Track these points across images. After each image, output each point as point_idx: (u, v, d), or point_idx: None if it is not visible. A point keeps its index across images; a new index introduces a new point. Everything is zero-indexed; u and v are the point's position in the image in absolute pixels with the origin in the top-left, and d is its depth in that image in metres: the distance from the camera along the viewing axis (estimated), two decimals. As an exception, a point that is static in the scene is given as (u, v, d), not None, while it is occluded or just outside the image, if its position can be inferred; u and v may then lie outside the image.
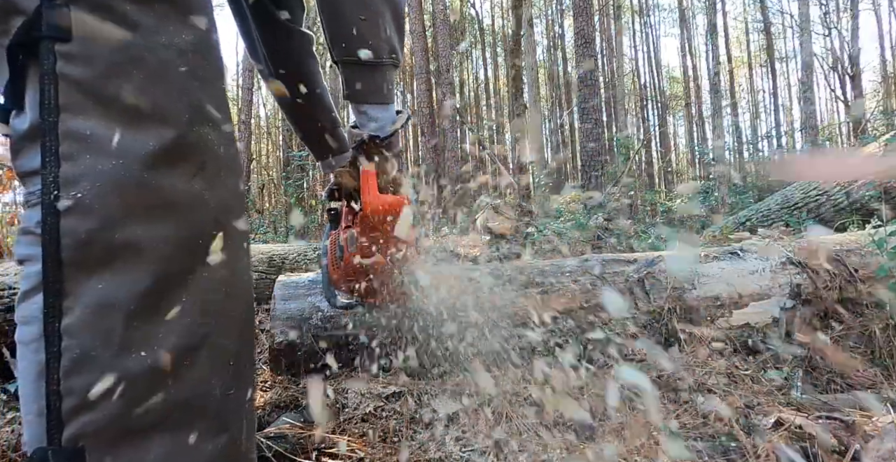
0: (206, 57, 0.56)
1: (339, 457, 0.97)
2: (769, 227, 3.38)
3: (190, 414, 0.50)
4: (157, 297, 0.49)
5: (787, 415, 0.98)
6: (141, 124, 0.50)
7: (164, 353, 0.48)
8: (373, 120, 0.94)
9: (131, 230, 0.48)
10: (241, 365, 0.56)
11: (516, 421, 1.06)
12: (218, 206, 0.54)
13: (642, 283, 1.40)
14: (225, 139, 0.56)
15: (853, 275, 1.51)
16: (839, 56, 15.32)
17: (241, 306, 0.57)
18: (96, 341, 0.46)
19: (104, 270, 0.47)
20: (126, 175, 0.48)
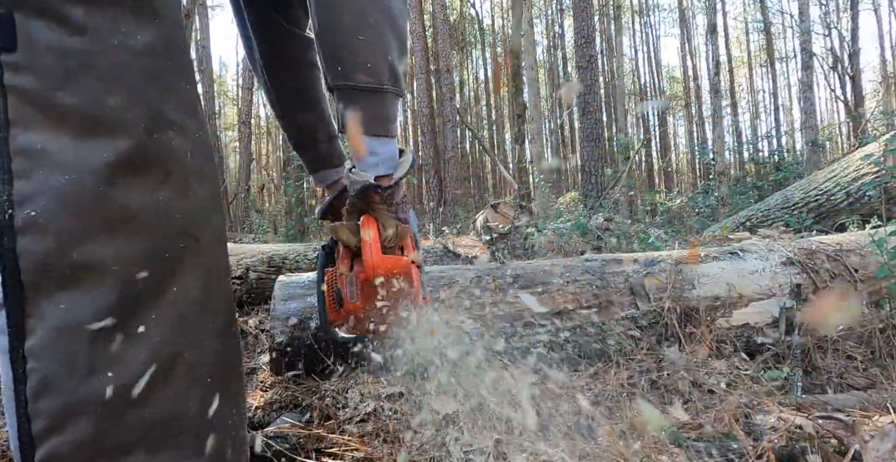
0: (167, 57, 0.52)
1: (339, 457, 0.97)
2: (769, 227, 3.38)
3: (166, 433, 0.48)
4: (123, 316, 0.46)
5: (787, 415, 0.98)
6: (95, 135, 0.47)
7: (134, 373, 0.46)
8: (372, 154, 0.81)
9: (92, 248, 0.46)
10: (222, 380, 0.53)
11: (517, 420, 1.06)
12: (186, 218, 0.51)
13: (642, 282, 1.40)
14: (193, 144, 0.53)
15: (853, 275, 1.51)
16: (839, 56, 15.32)
17: (219, 319, 0.54)
18: (61, 363, 0.44)
19: (66, 290, 0.45)
20: (82, 190, 0.45)
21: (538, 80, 12.87)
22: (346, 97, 0.77)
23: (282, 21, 0.98)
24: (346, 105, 0.77)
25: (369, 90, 0.76)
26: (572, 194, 10.05)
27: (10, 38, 0.45)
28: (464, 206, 12.00)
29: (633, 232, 3.56)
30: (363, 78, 0.75)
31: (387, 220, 0.84)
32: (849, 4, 13.99)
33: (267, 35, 1.00)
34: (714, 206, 6.90)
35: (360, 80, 0.75)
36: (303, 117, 1.05)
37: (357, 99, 0.76)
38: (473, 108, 24.36)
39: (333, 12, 0.73)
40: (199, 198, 0.53)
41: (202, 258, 0.52)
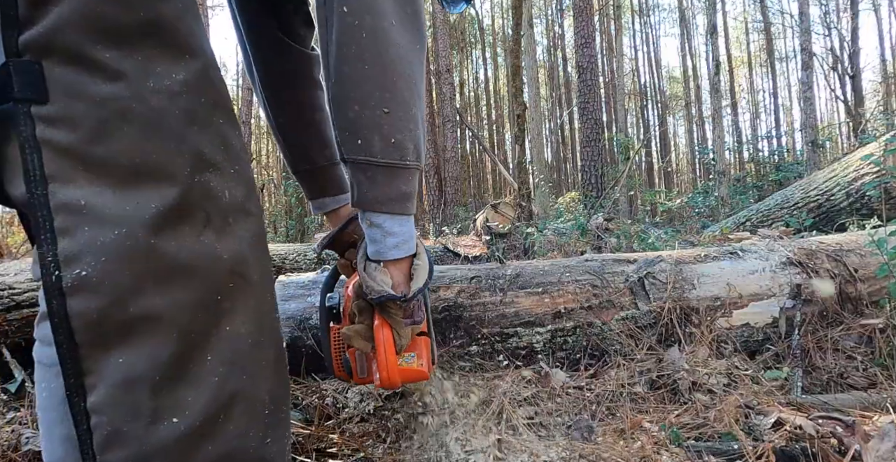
0: (203, 93, 0.50)
1: (339, 457, 0.96)
2: (769, 227, 3.38)
3: None
4: (180, 363, 0.46)
5: (787, 415, 0.98)
6: (139, 185, 0.45)
7: (197, 415, 0.46)
8: (390, 235, 0.74)
9: (145, 301, 0.45)
10: (277, 411, 0.54)
11: (516, 420, 1.06)
12: (232, 257, 0.50)
13: (642, 282, 1.40)
14: (230, 181, 0.51)
15: (853, 275, 1.51)
16: (839, 56, 15.32)
17: (271, 352, 0.54)
18: (126, 416, 0.44)
19: (122, 345, 0.44)
20: (132, 244, 0.44)
21: (538, 80, 12.87)
22: (365, 173, 0.70)
23: (283, 37, 0.92)
24: (365, 181, 0.71)
25: (391, 166, 0.70)
26: (572, 194, 10.04)
27: (40, 89, 0.43)
28: (464, 206, 11.99)
29: (633, 232, 3.56)
30: (387, 154, 0.69)
31: (402, 329, 0.79)
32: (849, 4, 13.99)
33: (266, 51, 0.93)
34: (714, 206, 6.90)
35: (384, 156, 0.69)
36: (302, 139, 0.98)
37: (378, 175, 0.70)
38: (473, 108, 24.36)
39: (360, 85, 0.67)
40: (239, 235, 0.52)
41: (251, 295, 0.52)
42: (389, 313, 0.78)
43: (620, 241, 3.30)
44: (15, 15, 0.42)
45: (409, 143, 0.71)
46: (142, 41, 0.46)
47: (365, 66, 0.66)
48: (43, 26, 0.43)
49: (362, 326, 0.80)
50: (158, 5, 0.47)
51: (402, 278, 0.78)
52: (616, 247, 3.19)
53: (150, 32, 0.46)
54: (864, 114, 12.43)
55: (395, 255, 0.76)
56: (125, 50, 0.45)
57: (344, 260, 0.98)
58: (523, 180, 4.54)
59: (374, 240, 0.75)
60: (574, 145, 22.32)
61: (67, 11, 0.43)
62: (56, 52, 0.43)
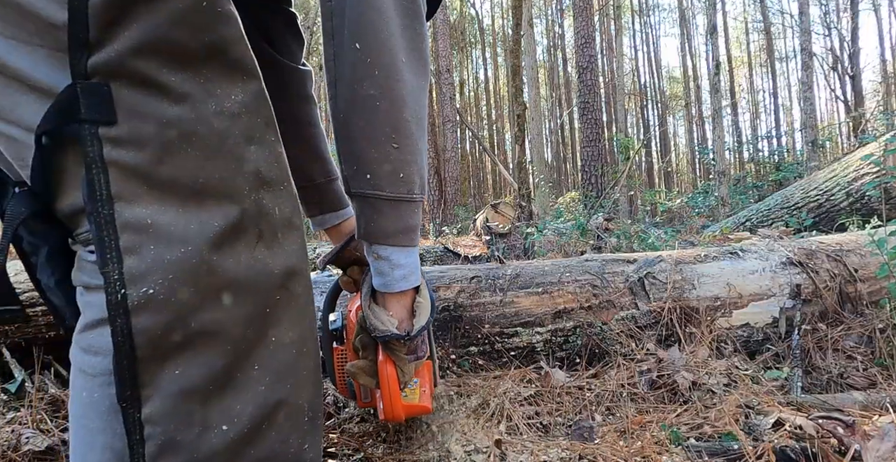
0: (258, 112, 0.51)
1: (338, 456, 0.97)
2: (769, 227, 3.38)
3: None
4: (230, 373, 0.48)
5: (787, 415, 0.98)
6: (203, 204, 0.47)
7: (245, 422, 0.48)
8: (397, 267, 0.75)
9: (204, 316, 0.46)
10: (315, 418, 0.56)
11: (516, 420, 1.06)
12: (282, 271, 0.52)
13: (642, 282, 1.40)
14: (280, 197, 0.53)
15: (853, 275, 1.51)
16: (839, 56, 15.33)
17: (311, 361, 0.55)
18: (179, 426, 0.46)
19: (180, 358, 0.46)
20: (197, 262, 0.45)
21: (538, 80, 12.87)
22: (372, 207, 0.71)
23: (273, 52, 0.91)
24: (372, 214, 0.71)
25: (399, 200, 0.71)
26: (572, 194, 10.05)
27: (109, 110, 0.44)
28: (464, 206, 12.00)
29: (633, 232, 3.56)
30: (395, 188, 0.70)
31: (405, 366, 0.80)
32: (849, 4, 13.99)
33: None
34: (714, 206, 6.90)
35: (392, 190, 0.70)
36: (298, 156, 0.96)
37: (385, 208, 0.71)
38: (473, 108, 24.36)
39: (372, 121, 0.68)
40: (288, 250, 0.53)
41: (295, 306, 0.53)
42: (393, 350, 0.79)
43: (620, 241, 3.30)
44: (85, 37, 0.43)
45: (416, 178, 0.72)
46: (204, 64, 0.47)
47: (377, 102, 0.67)
48: (113, 50, 0.44)
49: (366, 363, 0.81)
50: (221, 29, 0.48)
51: (405, 314, 0.79)
52: (616, 247, 3.19)
53: (212, 55, 0.48)
54: (864, 114, 12.43)
55: (402, 286, 0.77)
56: (189, 72, 0.46)
57: (346, 277, 0.98)
58: (523, 180, 4.54)
59: (382, 272, 0.76)
60: (574, 145, 22.33)
61: (138, 35, 0.44)
62: (125, 74, 0.44)
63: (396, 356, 0.79)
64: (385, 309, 0.79)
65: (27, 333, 1.29)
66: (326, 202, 1.01)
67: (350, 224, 1.01)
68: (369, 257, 0.77)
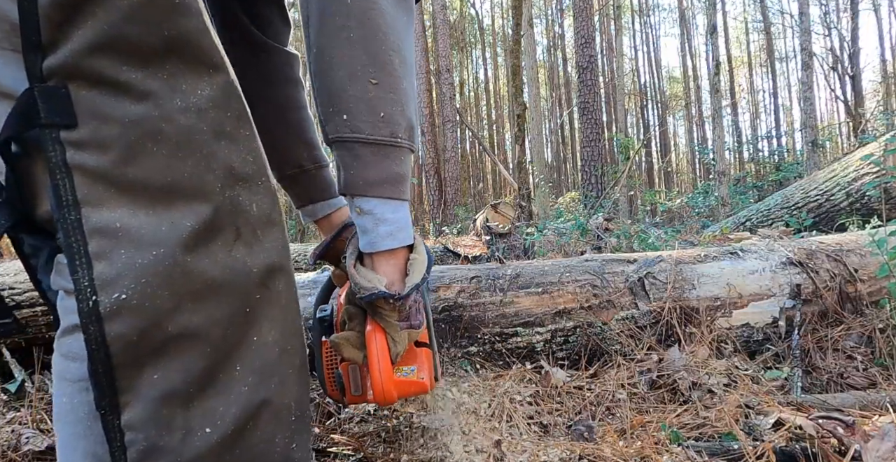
0: (228, 107, 0.49)
1: (338, 456, 0.97)
2: (769, 227, 3.38)
3: None
4: (212, 375, 0.47)
5: (787, 415, 0.98)
6: (173, 205, 0.45)
7: (228, 425, 0.47)
8: (381, 222, 0.67)
9: (181, 319, 0.45)
10: (303, 416, 0.55)
11: (516, 420, 1.06)
12: (261, 270, 0.50)
13: (642, 282, 1.40)
14: (257, 193, 0.51)
15: (853, 275, 1.51)
16: (839, 56, 15.33)
17: (296, 359, 0.54)
18: (161, 431, 0.44)
19: (158, 362, 0.44)
20: (170, 264, 0.44)
21: (538, 80, 12.87)
22: (352, 152, 0.64)
23: (257, 33, 0.87)
24: (352, 162, 0.64)
25: (381, 144, 0.64)
26: (572, 194, 10.05)
27: (68, 113, 0.42)
28: (464, 206, 11.99)
29: (633, 232, 3.56)
30: (376, 130, 0.63)
31: (397, 334, 0.70)
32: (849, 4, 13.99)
33: (241, 49, 0.87)
34: (714, 206, 6.90)
35: (372, 132, 0.63)
36: (286, 141, 0.93)
37: (366, 155, 0.63)
38: (473, 108, 24.36)
39: (345, 52, 0.62)
40: (268, 247, 0.52)
41: (277, 304, 0.52)
42: (382, 315, 0.69)
43: (620, 241, 3.30)
44: (38, 40, 0.42)
45: (401, 119, 0.64)
46: (166, 59, 0.45)
47: (350, 33, 0.61)
48: (68, 50, 0.42)
49: (352, 333, 0.72)
50: (181, 21, 0.46)
51: (396, 275, 0.70)
52: (616, 247, 3.19)
53: (173, 50, 0.46)
54: (864, 114, 12.43)
55: (389, 244, 0.68)
56: (150, 69, 0.45)
57: (338, 270, 0.92)
58: (523, 180, 4.54)
59: (365, 230, 0.68)
60: (574, 145, 22.32)
61: (92, 34, 0.42)
62: (82, 75, 0.43)
63: (386, 322, 0.69)
64: (373, 270, 0.70)
65: (27, 334, 1.29)
66: (316, 190, 0.95)
67: (341, 215, 0.96)
68: (353, 214, 0.68)
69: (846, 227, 2.93)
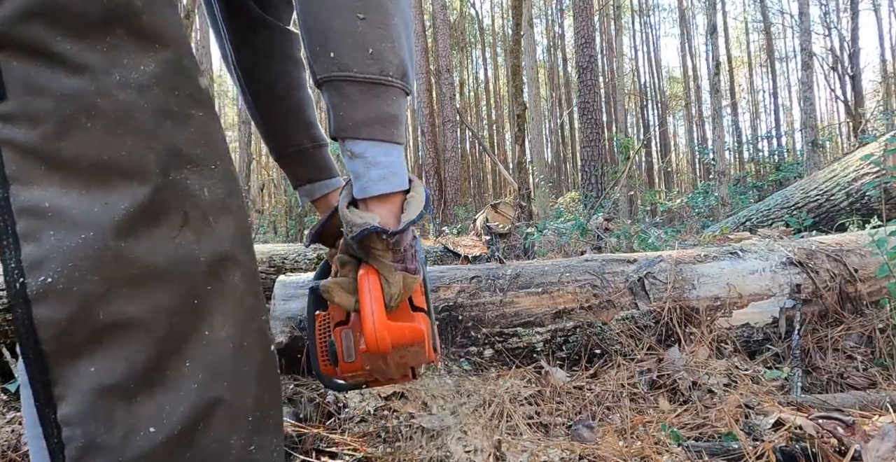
0: (177, 85, 0.47)
1: (338, 456, 0.97)
2: (769, 227, 3.38)
3: None
4: (157, 370, 0.44)
5: (787, 415, 0.98)
6: (108, 185, 0.42)
7: (175, 424, 0.44)
8: (373, 166, 0.63)
9: (116, 307, 0.42)
10: (265, 417, 0.51)
11: (516, 420, 1.06)
12: (210, 259, 0.47)
13: (642, 282, 1.40)
14: (210, 177, 0.49)
15: (853, 275, 1.51)
16: (839, 56, 15.33)
17: (256, 356, 0.51)
18: (100, 428, 0.41)
19: (93, 353, 0.42)
20: (100, 248, 0.41)
21: (538, 80, 12.87)
22: (339, 92, 0.60)
23: (256, 8, 0.85)
24: (341, 103, 0.60)
25: (371, 83, 0.60)
26: (572, 194, 10.05)
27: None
28: (464, 206, 12.00)
29: (633, 232, 3.56)
30: (364, 67, 0.59)
31: (391, 275, 0.65)
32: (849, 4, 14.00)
33: (240, 26, 0.86)
34: (714, 206, 6.90)
35: (361, 69, 0.59)
36: (284, 120, 0.91)
37: (355, 94, 0.60)
38: (473, 108, 24.36)
39: None
40: (220, 236, 0.49)
41: (230, 299, 0.49)
42: (376, 256, 0.64)
43: (620, 241, 3.30)
44: None
45: (391, 57, 0.60)
46: (106, 31, 0.43)
47: None
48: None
49: (344, 278, 0.68)
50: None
51: (391, 218, 0.65)
52: (616, 247, 3.19)
53: (114, 21, 0.43)
54: (864, 114, 12.44)
55: (381, 189, 0.63)
56: (88, 41, 0.42)
57: (334, 250, 0.87)
58: (523, 180, 4.54)
59: (357, 174, 0.64)
60: (574, 145, 22.32)
61: (23, 1, 0.40)
62: (13, 45, 0.41)
63: (380, 263, 0.65)
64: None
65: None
66: (314, 170, 0.93)
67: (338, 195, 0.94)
68: (344, 157, 0.65)
69: (846, 227, 2.93)
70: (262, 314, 0.54)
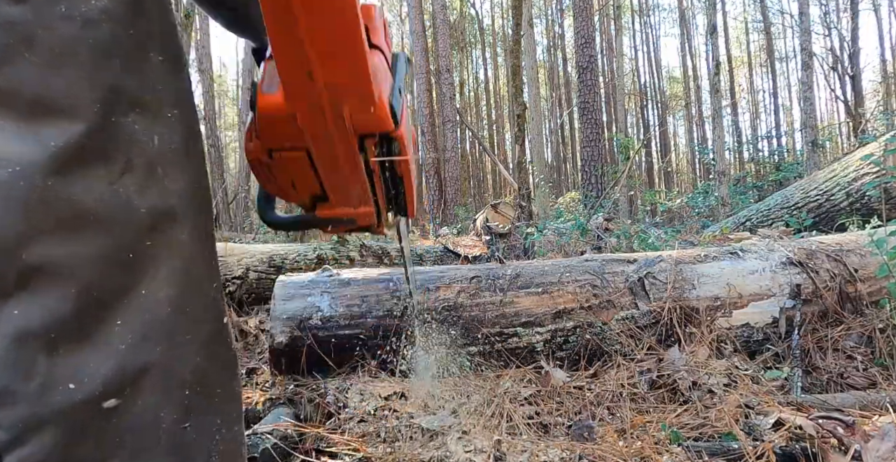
0: (131, 24, 0.45)
1: (338, 456, 0.97)
2: (769, 227, 3.38)
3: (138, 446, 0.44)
4: (83, 323, 0.42)
5: (787, 415, 0.98)
6: (39, 120, 0.41)
7: (98, 384, 0.42)
8: None
9: (42, 250, 0.40)
10: (206, 394, 0.48)
11: (516, 420, 1.06)
12: (153, 211, 0.45)
13: (642, 282, 1.40)
14: (164, 126, 0.47)
15: (853, 275, 1.51)
16: (839, 56, 15.33)
17: (203, 325, 0.49)
18: (16, 374, 0.40)
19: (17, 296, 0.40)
20: (25, 185, 0.40)
21: (538, 80, 12.87)
22: None
23: None
24: None
25: None
26: (572, 194, 10.05)
27: None
28: (464, 206, 11.99)
29: (633, 232, 3.56)
30: None
31: None
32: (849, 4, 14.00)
33: None
34: (714, 206, 6.90)
35: None
36: None
37: None
38: (473, 108, 24.36)
39: None
40: (169, 190, 0.47)
41: (175, 258, 0.47)
42: None
43: (620, 241, 3.30)
44: None
45: None
46: None
47: None
48: None
49: None
50: None
51: None
52: (616, 247, 3.19)
53: None
54: (864, 114, 12.44)
55: None
56: None
57: None
58: (523, 180, 4.54)
59: None
60: (574, 145, 22.32)
61: None
62: None
63: None
64: None
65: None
66: None
67: None
68: None
69: (846, 227, 2.93)
70: (215, 281, 0.51)
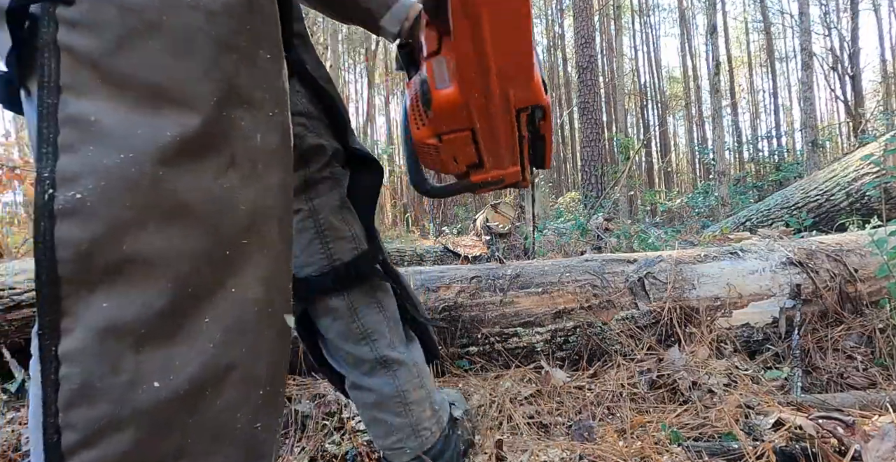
0: (247, 20, 0.45)
1: (338, 456, 0.97)
2: (769, 227, 3.38)
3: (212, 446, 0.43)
4: (173, 319, 0.41)
5: (787, 415, 0.98)
6: (158, 108, 0.40)
7: (184, 382, 0.41)
8: None
9: (143, 240, 0.40)
10: (274, 393, 0.48)
11: (516, 420, 1.06)
12: (252, 209, 0.45)
13: (642, 282, 1.40)
14: (267, 124, 0.47)
15: (853, 275, 1.51)
16: (839, 56, 15.33)
17: (277, 327, 0.48)
18: (102, 369, 0.38)
19: (110, 287, 0.39)
20: (138, 172, 0.39)
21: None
22: None
23: None
24: None
25: None
26: (572, 194, 10.06)
27: None
28: (464, 206, 12.00)
29: (633, 232, 3.56)
30: None
31: None
32: (849, 4, 14.00)
33: None
34: (714, 206, 6.90)
35: None
36: None
37: None
38: (473, 108, 24.28)
39: None
40: (266, 187, 0.46)
41: (265, 256, 0.46)
42: None
43: (620, 241, 3.30)
44: None
45: None
46: None
47: None
48: None
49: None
50: None
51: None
52: (616, 247, 3.19)
53: None
54: (864, 114, 12.44)
55: None
56: None
57: None
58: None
59: None
60: (574, 145, 22.32)
61: None
62: None
63: None
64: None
65: (27, 333, 1.29)
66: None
67: None
68: None
69: (846, 227, 2.93)
70: (290, 281, 0.51)
